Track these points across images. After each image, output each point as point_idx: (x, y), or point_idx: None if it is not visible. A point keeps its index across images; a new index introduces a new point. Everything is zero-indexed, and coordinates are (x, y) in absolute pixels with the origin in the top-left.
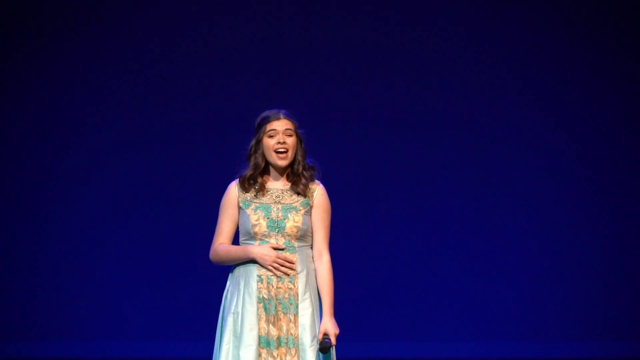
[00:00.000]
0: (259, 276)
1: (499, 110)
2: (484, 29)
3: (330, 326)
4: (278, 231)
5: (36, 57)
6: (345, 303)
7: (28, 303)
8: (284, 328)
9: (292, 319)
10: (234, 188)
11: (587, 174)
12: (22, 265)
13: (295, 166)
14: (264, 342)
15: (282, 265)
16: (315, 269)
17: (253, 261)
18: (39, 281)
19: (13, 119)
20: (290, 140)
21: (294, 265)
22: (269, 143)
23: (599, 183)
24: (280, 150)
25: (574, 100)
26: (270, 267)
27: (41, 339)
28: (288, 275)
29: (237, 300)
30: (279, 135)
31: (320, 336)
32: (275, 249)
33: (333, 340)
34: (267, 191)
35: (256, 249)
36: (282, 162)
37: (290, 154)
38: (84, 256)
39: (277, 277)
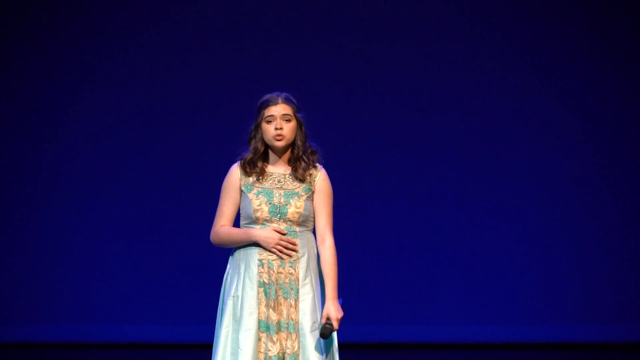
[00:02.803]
0: (260, 260)
1: (503, 101)
2: (489, 24)
3: (332, 310)
4: (280, 217)
5: (31, 55)
6: (349, 286)
7: (30, 287)
8: (285, 313)
9: (293, 303)
10: (236, 170)
11: (588, 162)
12: (22, 249)
13: (295, 150)
14: (263, 327)
15: (286, 248)
16: (316, 254)
17: (254, 245)
18: (40, 265)
19: (12, 114)
20: (288, 126)
21: (296, 247)
22: (267, 128)
23: (600, 170)
24: (277, 135)
25: (576, 98)
26: (274, 250)
27: (40, 323)
28: (291, 257)
29: (237, 284)
30: (277, 121)
31: (324, 320)
32: (277, 231)
33: (335, 325)
34: (269, 176)
35: (259, 232)
36: (279, 143)
37: (288, 137)
38: (85, 240)
39: (281, 259)
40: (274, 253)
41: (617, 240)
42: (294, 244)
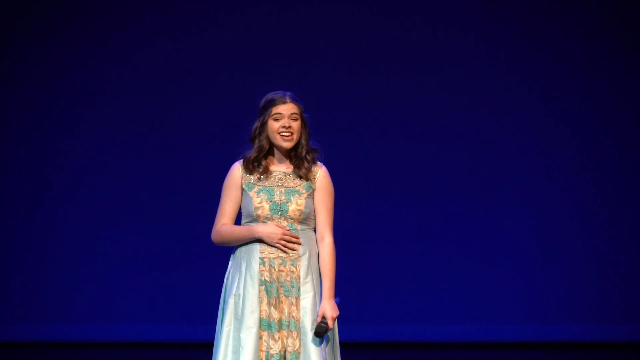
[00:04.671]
0: (261, 259)
1: (504, 94)
2: (488, 28)
3: (328, 309)
4: (281, 214)
5: (33, 56)
6: (351, 285)
7: (32, 286)
8: (286, 311)
9: (294, 302)
10: (237, 169)
11: (590, 160)
12: (22, 248)
13: (299, 149)
14: (265, 325)
15: (289, 242)
16: (317, 252)
17: (255, 243)
18: (43, 264)
19: (14, 115)
20: (296, 125)
21: (299, 240)
22: (274, 126)
23: (604, 169)
24: (285, 133)
25: (575, 98)
26: (277, 245)
27: (42, 322)
28: (295, 250)
29: (238, 283)
30: (285, 120)
31: (319, 319)
32: (279, 226)
33: (330, 324)
34: (271, 174)
35: (261, 228)
36: (287, 144)
37: (295, 137)
38: (85, 238)
39: (285, 252)
40: (277, 248)
41: (620, 239)
42: (296, 237)
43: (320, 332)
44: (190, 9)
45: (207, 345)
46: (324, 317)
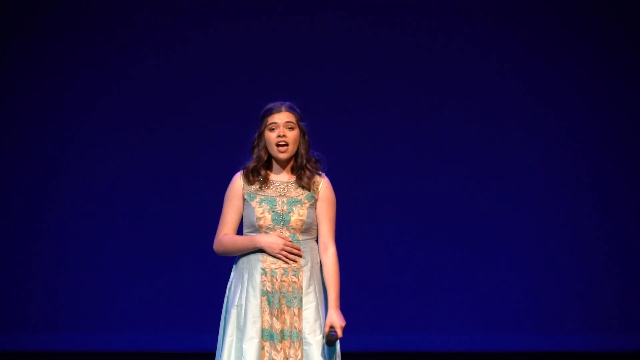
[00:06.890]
0: (263, 269)
1: (503, 101)
2: (486, 27)
3: (336, 319)
4: (283, 225)
5: (36, 55)
6: (353, 294)
7: (34, 295)
8: (288, 321)
9: (296, 312)
10: (239, 179)
11: (589, 167)
12: (29, 256)
13: (299, 159)
14: (267, 335)
15: (290, 253)
16: (320, 262)
17: (257, 253)
18: (47, 273)
19: (16, 115)
20: (291, 134)
21: (301, 252)
22: (270, 136)
23: (606, 177)
24: (281, 143)
25: (575, 98)
26: (279, 255)
27: (48, 331)
28: (296, 262)
29: (240, 293)
30: (280, 129)
31: (327, 329)
32: (281, 237)
33: (339, 333)
34: (272, 184)
35: (263, 238)
36: (283, 156)
37: (291, 147)
38: (90, 249)
39: (287, 263)
40: (279, 259)
41: (621, 249)
42: (298, 248)
43: (332, 341)
44: (194, 14)
45: (209, 356)
46: (332, 327)
